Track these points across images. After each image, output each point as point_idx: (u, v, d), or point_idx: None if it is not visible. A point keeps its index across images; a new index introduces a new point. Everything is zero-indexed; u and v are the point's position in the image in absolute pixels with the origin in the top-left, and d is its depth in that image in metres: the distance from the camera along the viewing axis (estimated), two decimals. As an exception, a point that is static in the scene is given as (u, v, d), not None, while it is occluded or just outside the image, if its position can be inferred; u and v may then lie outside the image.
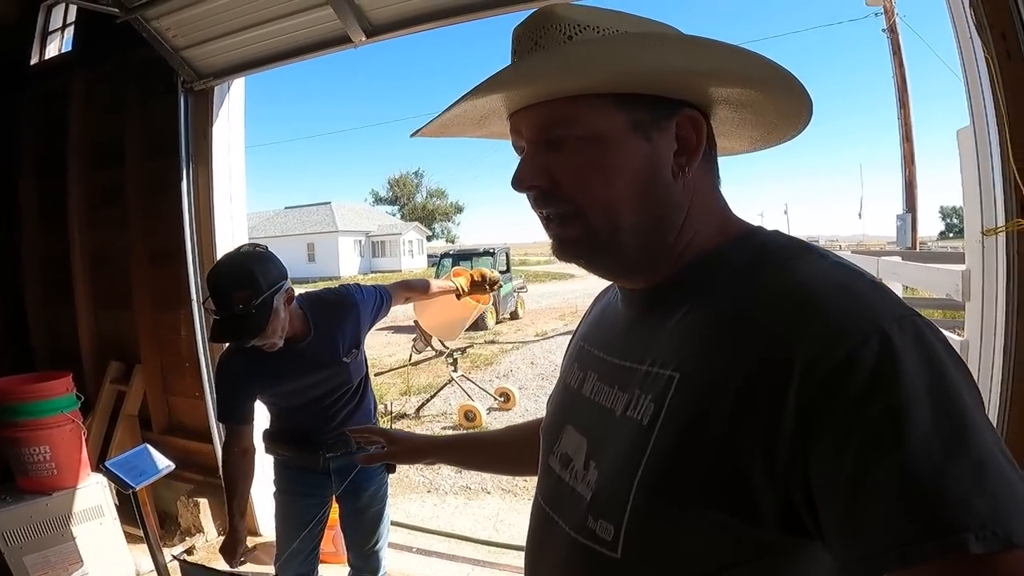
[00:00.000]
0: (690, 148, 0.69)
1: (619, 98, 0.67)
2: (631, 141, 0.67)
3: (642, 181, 0.68)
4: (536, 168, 0.70)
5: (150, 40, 3.24)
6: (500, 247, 16.58)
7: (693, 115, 0.69)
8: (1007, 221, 1.84)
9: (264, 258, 1.97)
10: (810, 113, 0.73)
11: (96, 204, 4.10)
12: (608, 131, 0.67)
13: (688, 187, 0.71)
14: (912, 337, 0.54)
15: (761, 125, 0.76)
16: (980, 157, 2.00)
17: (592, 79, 0.65)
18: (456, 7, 2.69)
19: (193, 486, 3.71)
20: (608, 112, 0.67)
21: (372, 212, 53.63)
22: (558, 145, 0.69)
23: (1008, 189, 1.81)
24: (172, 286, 3.72)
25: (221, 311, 1.86)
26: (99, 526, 3.09)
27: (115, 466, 2.47)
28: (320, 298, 2.24)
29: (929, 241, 45.30)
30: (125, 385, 4.01)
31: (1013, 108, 1.67)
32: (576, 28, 0.66)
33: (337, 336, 2.15)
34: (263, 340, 1.93)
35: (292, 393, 2.18)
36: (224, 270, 1.92)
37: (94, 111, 4.04)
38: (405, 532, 3.74)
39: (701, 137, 0.70)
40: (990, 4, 1.69)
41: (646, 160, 0.68)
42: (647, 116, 0.68)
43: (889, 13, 10.24)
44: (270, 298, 1.88)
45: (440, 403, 7.92)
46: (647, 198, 0.69)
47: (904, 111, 10.27)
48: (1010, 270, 1.88)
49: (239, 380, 2.10)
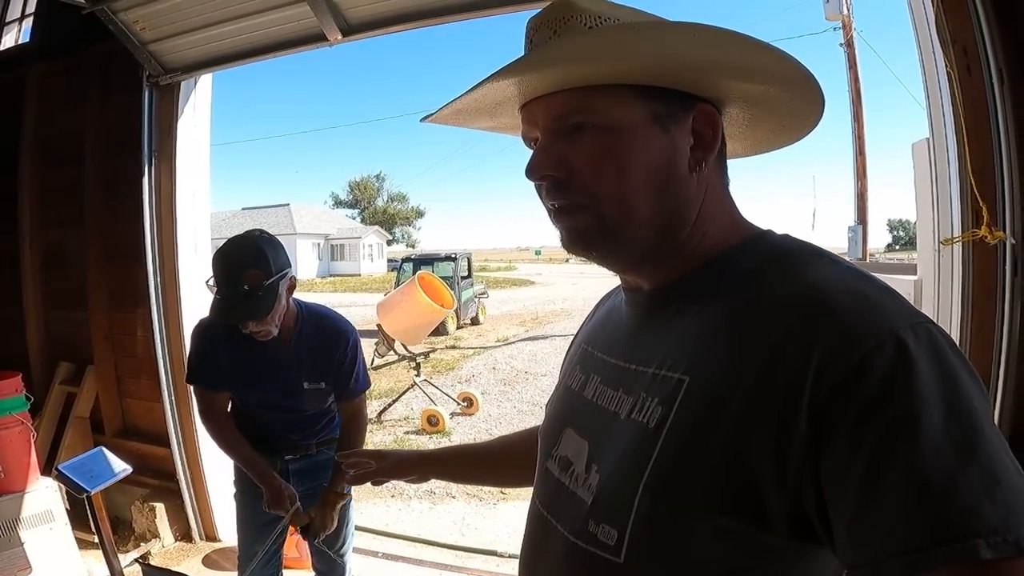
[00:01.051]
0: (706, 143, 0.69)
1: (638, 89, 0.66)
2: (650, 132, 0.67)
3: (659, 172, 0.67)
4: (552, 156, 0.69)
5: (116, 33, 3.14)
6: (462, 252, 16.52)
7: (709, 110, 0.69)
8: (963, 231, 1.91)
9: (274, 243, 1.97)
10: (822, 112, 0.73)
11: (51, 201, 3.96)
12: (628, 121, 0.66)
13: (702, 183, 0.70)
14: (926, 344, 0.53)
15: (770, 126, 0.76)
16: (937, 168, 2.09)
17: (628, 65, 0.64)
18: (434, 9, 2.70)
19: (149, 491, 3.59)
20: (628, 102, 0.66)
21: (332, 215, 52.94)
22: (575, 134, 0.68)
23: (964, 200, 1.88)
24: (129, 286, 3.61)
25: (229, 289, 1.83)
26: (49, 531, 2.97)
27: (69, 469, 2.37)
28: (319, 314, 2.16)
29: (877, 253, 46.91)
30: (75, 387, 3.87)
31: (972, 121, 1.75)
32: (597, 20, 0.66)
33: (309, 358, 2.07)
34: (262, 326, 1.90)
35: (251, 389, 2.14)
36: (236, 249, 1.90)
37: (52, 105, 3.91)
38: (370, 537, 3.70)
39: (717, 133, 0.69)
40: (953, 21, 1.76)
41: (664, 152, 0.67)
42: (664, 109, 0.67)
43: (847, 28, 10.58)
44: (277, 282, 1.87)
45: (402, 408, 7.84)
46: (662, 190, 0.68)
47: (858, 125, 10.61)
48: (965, 279, 1.95)
49: (212, 344, 2.07)
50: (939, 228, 2.14)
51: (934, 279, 2.28)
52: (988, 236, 1.82)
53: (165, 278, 3.53)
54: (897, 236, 77.69)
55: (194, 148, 3.60)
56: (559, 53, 0.65)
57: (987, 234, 1.83)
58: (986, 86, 1.73)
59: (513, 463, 1.09)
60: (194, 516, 3.57)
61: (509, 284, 32.29)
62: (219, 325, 2.03)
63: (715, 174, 0.72)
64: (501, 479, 1.24)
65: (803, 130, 0.77)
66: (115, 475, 2.43)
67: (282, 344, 2.04)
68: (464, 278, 15.91)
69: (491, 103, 0.73)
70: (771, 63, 0.67)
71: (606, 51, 0.64)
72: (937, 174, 2.09)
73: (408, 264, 16.05)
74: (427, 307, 7.62)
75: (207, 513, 3.58)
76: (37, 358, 4.04)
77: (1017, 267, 1.80)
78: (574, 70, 0.65)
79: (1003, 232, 1.80)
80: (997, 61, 1.69)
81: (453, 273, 15.05)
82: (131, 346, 3.72)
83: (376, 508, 4.58)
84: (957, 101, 1.76)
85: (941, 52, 1.80)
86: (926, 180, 2.26)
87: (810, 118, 0.74)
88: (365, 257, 44.42)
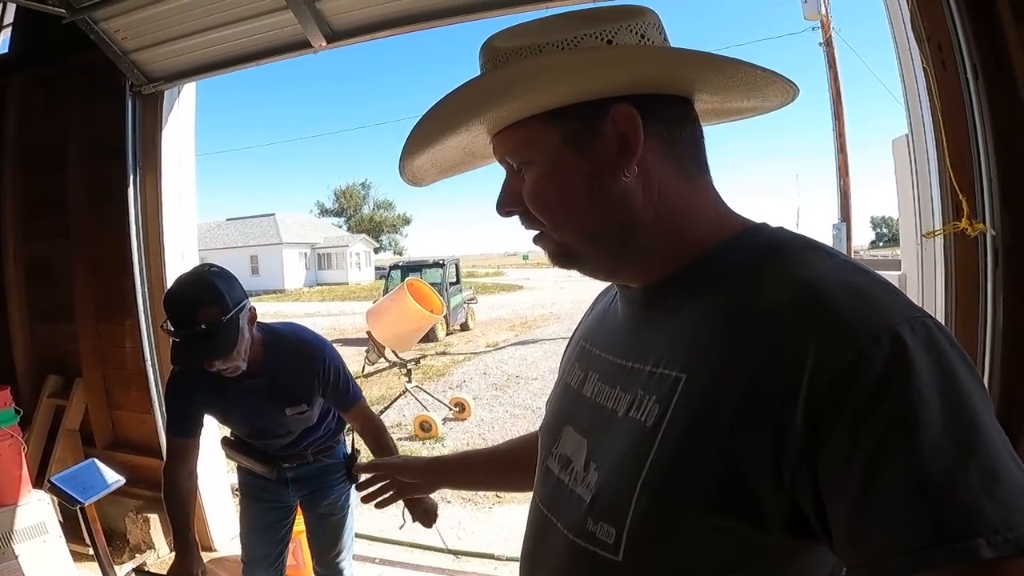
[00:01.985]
0: (629, 145, 0.66)
1: (551, 114, 0.67)
2: (564, 156, 0.68)
3: (587, 192, 0.68)
4: (508, 193, 0.74)
5: (98, 42, 3.13)
6: (449, 259, 16.50)
7: (625, 111, 0.66)
8: (944, 224, 1.94)
9: (226, 276, 1.87)
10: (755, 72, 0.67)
11: (34, 213, 3.92)
12: (545, 150, 0.68)
13: (646, 183, 0.68)
14: (923, 339, 0.52)
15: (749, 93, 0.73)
16: (917, 163, 2.13)
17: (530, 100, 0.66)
18: (417, 14, 2.71)
19: (142, 502, 3.56)
20: (545, 131, 0.68)
21: (318, 224, 52.61)
22: (521, 168, 0.72)
23: (944, 193, 1.91)
24: (117, 298, 3.59)
25: (184, 330, 1.73)
26: (43, 544, 2.94)
27: (61, 481, 2.36)
28: (286, 336, 2.06)
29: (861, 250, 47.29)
30: (64, 399, 3.83)
31: (949, 115, 1.78)
32: (507, 55, 0.67)
33: (284, 385, 1.99)
34: (228, 363, 1.81)
35: (236, 424, 2.14)
36: (186, 287, 1.80)
37: (34, 115, 3.87)
38: (367, 543, 3.68)
39: (637, 132, 0.66)
40: (928, 17, 1.79)
41: (582, 171, 0.68)
42: (580, 124, 0.67)
43: (825, 27, 10.73)
44: (236, 316, 1.78)
45: (395, 414, 7.81)
46: (599, 204, 0.68)
47: (839, 123, 10.73)
48: (948, 271, 1.98)
49: (187, 395, 1.99)
50: (921, 222, 2.17)
51: (918, 273, 2.31)
52: (969, 228, 1.84)
53: (153, 288, 3.52)
54: (880, 233, 78.43)
55: (179, 157, 3.59)
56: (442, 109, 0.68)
57: (967, 226, 1.85)
58: (962, 81, 1.76)
59: (522, 466, 1.07)
60: (188, 527, 3.53)
61: (498, 289, 32.25)
62: (190, 370, 1.94)
63: (666, 169, 0.69)
64: (511, 483, 1.21)
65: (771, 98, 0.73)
66: (108, 486, 2.42)
67: (254, 377, 1.96)
68: (453, 284, 15.91)
69: (460, 149, 0.78)
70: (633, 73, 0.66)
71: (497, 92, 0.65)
72: (917, 169, 2.12)
73: (396, 271, 15.99)
74: (417, 313, 7.60)
75: (201, 523, 3.54)
76: (24, 372, 3.99)
77: (998, 258, 1.83)
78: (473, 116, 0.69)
79: (983, 224, 1.83)
80: (972, 57, 1.71)
81: (442, 279, 15.04)
82: (119, 358, 3.68)
83: (372, 514, 4.56)
84: (934, 97, 1.79)
85: (917, 49, 1.83)
86: (907, 175, 2.29)
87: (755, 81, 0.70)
88: (352, 265, 44.18)
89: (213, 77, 3.33)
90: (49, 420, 3.86)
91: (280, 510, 2.26)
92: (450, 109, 0.68)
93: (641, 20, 0.67)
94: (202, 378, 1.92)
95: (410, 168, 0.79)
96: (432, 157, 0.78)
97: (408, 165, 0.78)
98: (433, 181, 0.85)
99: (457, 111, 0.68)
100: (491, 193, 0.75)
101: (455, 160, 0.81)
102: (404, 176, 0.81)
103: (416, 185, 0.85)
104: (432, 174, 0.83)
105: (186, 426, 2.02)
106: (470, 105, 0.67)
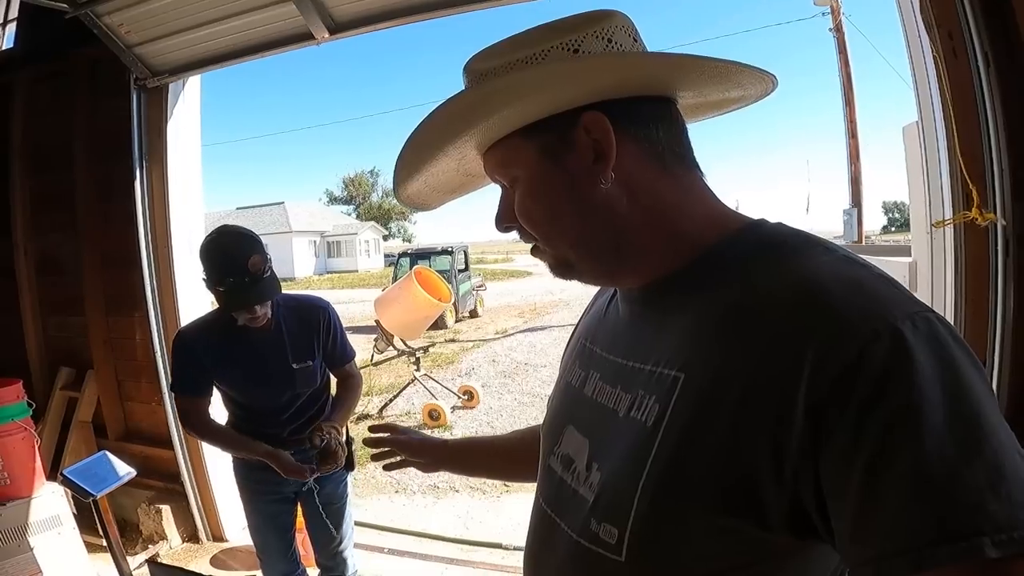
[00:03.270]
0: (604, 151, 0.66)
1: (524, 130, 0.68)
2: (543, 168, 0.69)
3: (569, 203, 0.68)
4: (503, 210, 0.75)
5: (101, 36, 3.12)
6: (458, 246, 16.52)
7: (594, 117, 0.66)
8: (955, 213, 1.91)
9: (252, 232, 2.07)
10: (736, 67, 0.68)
11: (43, 208, 3.95)
12: (526, 165, 0.70)
13: (630, 188, 0.68)
14: (925, 334, 0.52)
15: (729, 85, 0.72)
16: (927, 152, 2.09)
17: (480, 126, 0.68)
18: (419, 5, 2.68)
19: (154, 493, 3.62)
20: (522, 147, 0.69)
21: (327, 212, 52.77)
22: (511, 185, 0.73)
23: (955, 182, 1.87)
24: (126, 290, 3.61)
25: (237, 277, 1.90)
26: (58, 536, 2.99)
27: (74, 474, 2.39)
28: (293, 296, 2.24)
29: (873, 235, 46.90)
30: (76, 391, 3.89)
31: (959, 104, 1.74)
32: (479, 77, 0.69)
33: (292, 338, 2.15)
34: (264, 309, 2.01)
35: (245, 383, 2.16)
36: (233, 240, 1.97)
37: (40, 111, 3.89)
38: (375, 533, 3.72)
39: (608, 137, 0.66)
40: (938, 5, 1.75)
41: (562, 182, 0.68)
42: (554, 137, 0.68)
43: (835, 13, 10.58)
44: (271, 266, 1.99)
45: (403, 403, 7.87)
46: (581, 215, 0.68)
47: (850, 109, 10.61)
48: (958, 260, 1.95)
49: (194, 353, 2.10)
50: (931, 211, 2.14)
51: (928, 261, 2.28)
52: (979, 218, 1.82)
53: (161, 280, 3.53)
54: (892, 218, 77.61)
55: (185, 149, 3.59)
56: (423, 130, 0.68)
57: (978, 216, 1.82)
58: (972, 70, 1.73)
59: (522, 459, 1.08)
60: (200, 517, 3.59)
61: (506, 276, 32.31)
62: (196, 329, 2.13)
63: (648, 170, 0.68)
64: (512, 474, 1.23)
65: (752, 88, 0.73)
66: (120, 478, 2.45)
67: (264, 332, 2.10)
68: (461, 271, 15.93)
69: (459, 174, 0.80)
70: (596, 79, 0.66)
71: (464, 116, 0.67)
72: (927, 157, 2.09)
73: (405, 259, 16.05)
74: (425, 302, 7.62)
75: (213, 514, 3.60)
76: (37, 365, 4.04)
77: (1009, 248, 1.80)
78: (451, 137, 0.70)
79: (993, 214, 1.80)
80: (982, 45, 1.68)
81: (450, 266, 15.07)
82: (130, 349, 3.72)
83: (380, 503, 4.61)
84: (944, 85, 1.75)
85: (927, 36, 1.80)
86: (917, 163, 2.26)
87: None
88: (362, 253, 44.33)
89: (217, 70, 3.32)
90: (62, 412, 3.92)
91: (281, 502, 2.28)
92: (425, 138, 0.69)
93: (608, 24, 0.67)
94: (209, 335, 2.09)
95: (406, 194, 0.80)
96: (426, 182, 0.79)
97: (403, 192, 0.79)
98: (441, 203, 0.87)
99: (433, 138, 0.70)
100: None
101: (456, 182, 0.83)
102: (404, 201, 0.82)
103: (424, 208, 0.87)
104: (436, 197, 0.85)
105: (194, 386, 2.13)
106: (442, 130, 0.69)
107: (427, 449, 1.25)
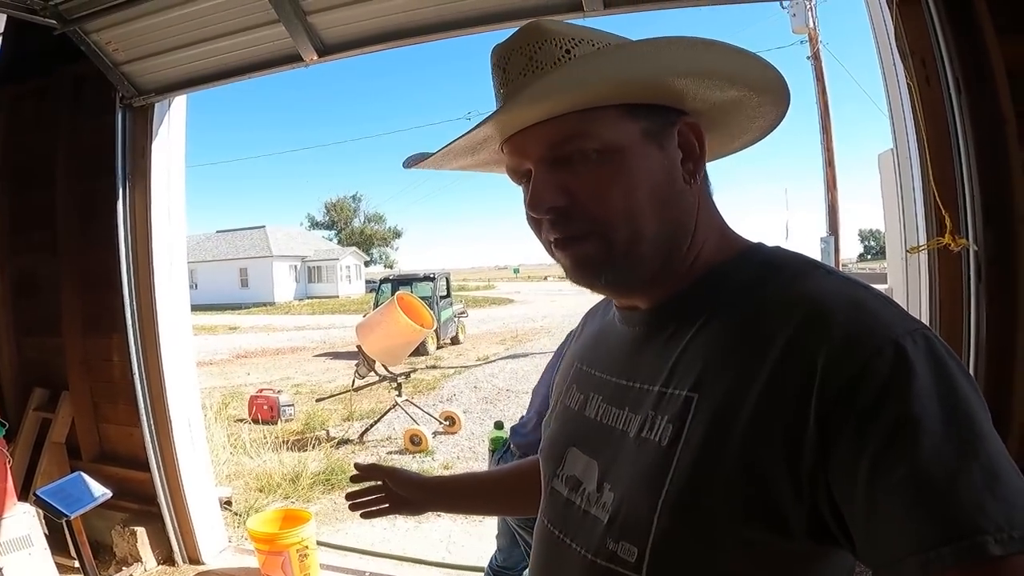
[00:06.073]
0: (695, 155, 0.70)
1: (628, 108, 0.67)
2: (646, 149, 0.67)
3: (661, 189, 0.68)
4: (554, 187, 0.67)
5: (88, 54, 3.12)
6: (440, 272, 16.51)
7: (693, 122, 0.70)
8: (928, 239, 1.96)
9: None
10: (785, 113, 0.75)
11: (21, 228, 3.89)
12: (625, 141, 0.66)
13: (696, 194, 0.72)
14: (924, 349, 0.55)
15: (732, 131, 0.78)
16: (902, 178, 2.15)
17: (624, 86, 0.64)
18: (408, 29, 2.73)
19: (129, 515, 3.52)
20: (622, 122, 0.66)
21: (308, 236, 52.50)
22: (570, 161, 0.67)
23: (928, 209, 1.93)
24: (105, 311, 3.55)
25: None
26: (28, 556, 2.90)
27: (47, 494, 2.35)
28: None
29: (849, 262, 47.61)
30: (50, 412, 3.79)
31: (932, 131, 1.81)
32: (572, 42, 0.66)
33: None
34: None
35: None
36: None
37: (22, 128, 3.84)
38: (356, 557, 3.65)
39: (703, 143, 0.71)
40: (911, 32, 1.82)
41: (663, 168, 0.68)
42: (654, 125, 0.68)
43: (813, 41, 10.85)
44: None
45: (384, 428, 7.77)
46: (667, 205, 0.68)
47: (827, 137, 10.83)
48: (932, 285, 2.00)
49: None
50: (906, 236, 2.20)
51: (904, 286, 2.34)
52: (952, 244, 1.87)
53: (141, 302, 3.48)
54: (868, 246, 79.11)
55: (168, 170, 3.56)
56: (561, 82, 0.63)
57: (951, 242, 1.88)
58: (945, 96, 1.79)
59: (522, 493, 1.06)
60: (176, 539, 3.49)
61: (488, 303, 32.26)
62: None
63: (703, 184, 0.73)
64: (510, 510, 1.20)
65: (765, 132, 0.79)
66: (95, 499, 2.40)
67: None
68: (443, 298, 15.89)
69: (475, 143, 0.73)
70: (754, 69, 0.69)
71: (602, 74, 0.63)
72: (902, 184, 2.15)
73: (387, 285, 16.00)
74: (407, 327, 7.57)
75: (190, 536, 3.50)
76: (10, 384, 3.94)
77: (981, 272, 1.85)
78: (574, 97, 0.64)
79: (966, 240, 1.85)
80: (954, 71, 1.74)
81: (432, 293, 15.03)
82: (107, 371, 3.65)
83: (362, 527, 4.53)
84: (918, 112, 1.81)
85: (901, 64, 1.86)
86: (892, 190, 2.32)
87: (774, 121, 0.76)
88: (343, 279, 44.08)
89: (204, 90, 3.33)
90: (35, 433, 3.81)
91: None
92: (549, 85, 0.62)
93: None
94: None
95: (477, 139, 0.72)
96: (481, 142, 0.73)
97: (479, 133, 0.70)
98: (429, 167, 0.81)
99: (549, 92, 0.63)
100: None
101: (457, 151, 0.76)
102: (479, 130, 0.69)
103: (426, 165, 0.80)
104: (436, 161, 0.78)
105: None
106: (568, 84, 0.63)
107: (417, 486, 1.17)
